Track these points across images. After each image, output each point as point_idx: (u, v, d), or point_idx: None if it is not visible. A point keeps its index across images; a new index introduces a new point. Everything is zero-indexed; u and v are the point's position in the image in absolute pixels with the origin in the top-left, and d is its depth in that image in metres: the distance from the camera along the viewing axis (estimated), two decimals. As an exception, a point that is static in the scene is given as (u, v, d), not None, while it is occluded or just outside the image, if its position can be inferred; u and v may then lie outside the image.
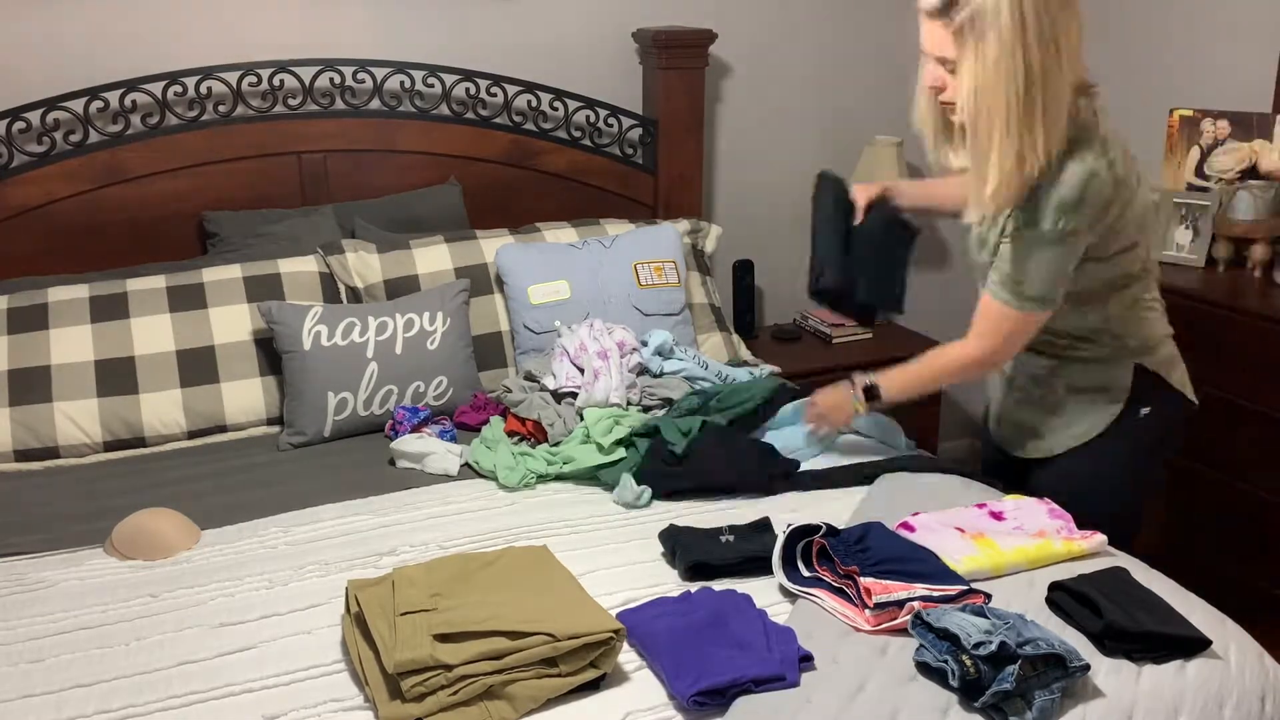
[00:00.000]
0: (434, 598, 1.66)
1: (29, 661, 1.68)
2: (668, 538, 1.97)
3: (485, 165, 3.11)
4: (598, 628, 1.58)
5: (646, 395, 2.53)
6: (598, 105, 3.20)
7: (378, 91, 2.98)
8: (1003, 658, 1.52)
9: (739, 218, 3.54)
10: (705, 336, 3.00)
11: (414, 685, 1.52)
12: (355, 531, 2.08)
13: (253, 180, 2.88)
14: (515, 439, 2.42)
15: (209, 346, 2.55)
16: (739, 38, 3.41)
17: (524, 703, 1.54)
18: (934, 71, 1.84)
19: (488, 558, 1.82)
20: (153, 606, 1.83)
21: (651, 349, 2.64)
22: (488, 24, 3.13)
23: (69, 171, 2.72)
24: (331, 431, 2.50)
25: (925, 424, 3.44)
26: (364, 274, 2.74)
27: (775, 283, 3.67)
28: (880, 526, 1.88)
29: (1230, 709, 1.63)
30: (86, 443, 2.44)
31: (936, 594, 1.70)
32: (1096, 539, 1.94)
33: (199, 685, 1.62)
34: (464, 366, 2.64)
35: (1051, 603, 1.77)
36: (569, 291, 2.77)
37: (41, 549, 2.04)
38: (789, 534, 1.83)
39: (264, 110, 2.87)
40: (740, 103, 3.51)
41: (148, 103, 2.78)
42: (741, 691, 1.55)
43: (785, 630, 1.69)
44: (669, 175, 3.29)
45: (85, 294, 2.56)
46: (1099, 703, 1.57)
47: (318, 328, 2.51)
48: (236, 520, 2.13)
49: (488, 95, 3.09)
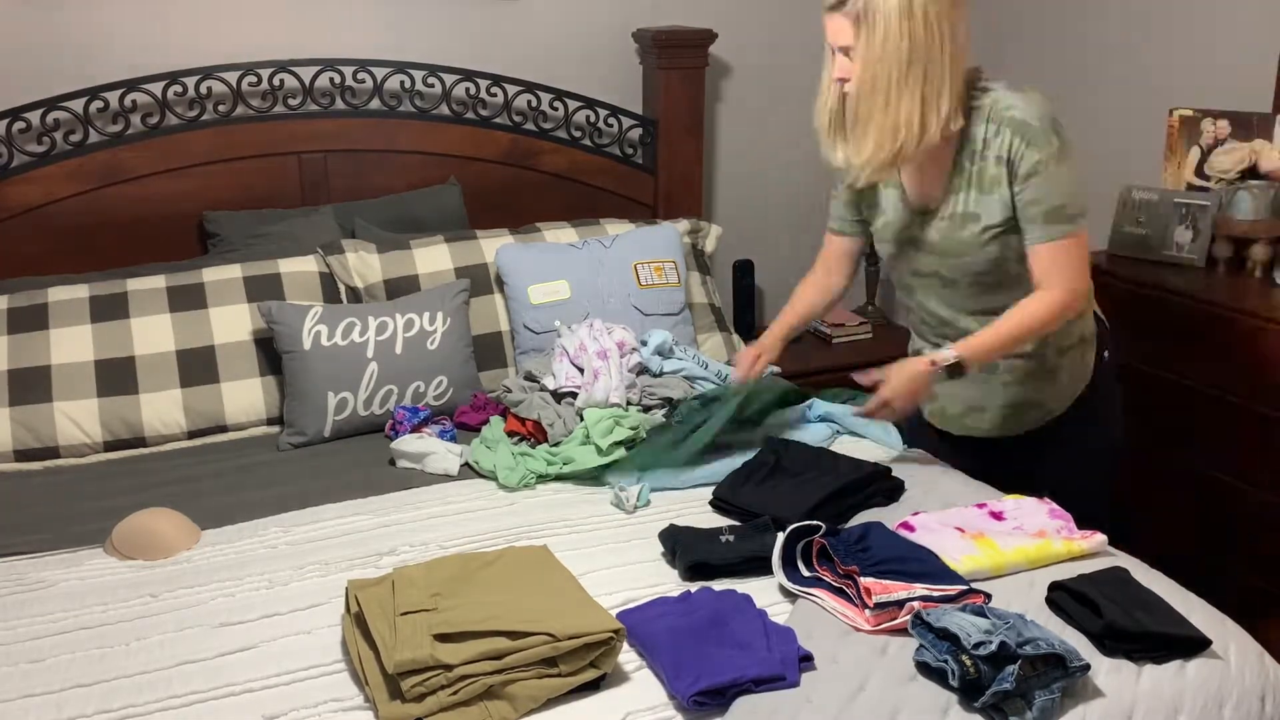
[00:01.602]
0: (434, 598, 1.66)
1: (29, 661, 1.68)
2: (668, 538, 1.97)
3: (485, 165, 3.11)
4: (598, 628, 1.58)
5: (646, 395, 2.53)
6: (598, 105, 3.20)
7: (378, 91, 2.98)
8: (1003, 658, 1.52)
9: (739, 218, 3.54)
10: (705, 336, 3.00)
11: (414, 685, 1.52)
12: (355, 531, 2.08)
13: (253, 180, 2.88)
14: (515, 439, 2.42)
15: (209, 346, 2.55)
16: (739, 38, 3.41)
17: (524, 703, 1.54)
18: (841, 62, 2.00)
19: (488, 558, 1.82)
20: (153, 606, 1.84)
21: (651, 348, 2.64)
22: (488, 24, 3.13)
23: (69, 171, 2.72)
24: (331, 431, 2.50)
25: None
26: (364, 274, 2.74)
27: (775, 283, 3.66)
28: (880, 526, 1.88)
29: (1230, 709, 1.63)
30: (86, 443, 2.44)
31: (936, 594, 1.70)
32: (1096, 539, 1.94)
33: (199, 685, 1.62)
34: (464, 366, 2.64)
35: (1051, 603, 1.77)
36: (569, 291, 2.77)
37: (41, 549, 2.04)
38: (789, 534, 1.83)
39: (264, 110, 2.87)
40: (740, 103, 3.51)
41: (148, 103, 2.78)
42: (741, 691, 1.55)
43: (785, 630, 1.69)
44: (669, 175, 3.29)
45: (85, 294, 2.56)
46: (1099, 703, 1.57)
47: (318, 328, 2.51)
48: (236, 520, 2.13)
49: (488, 95, 3.09)
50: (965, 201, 2.06)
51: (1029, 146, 1.97)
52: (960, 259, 2.10)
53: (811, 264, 2.51)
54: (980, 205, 2.05)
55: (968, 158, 2.04)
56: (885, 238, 2.22)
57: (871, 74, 1.95)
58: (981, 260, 2.08)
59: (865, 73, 1.95)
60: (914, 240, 2.16)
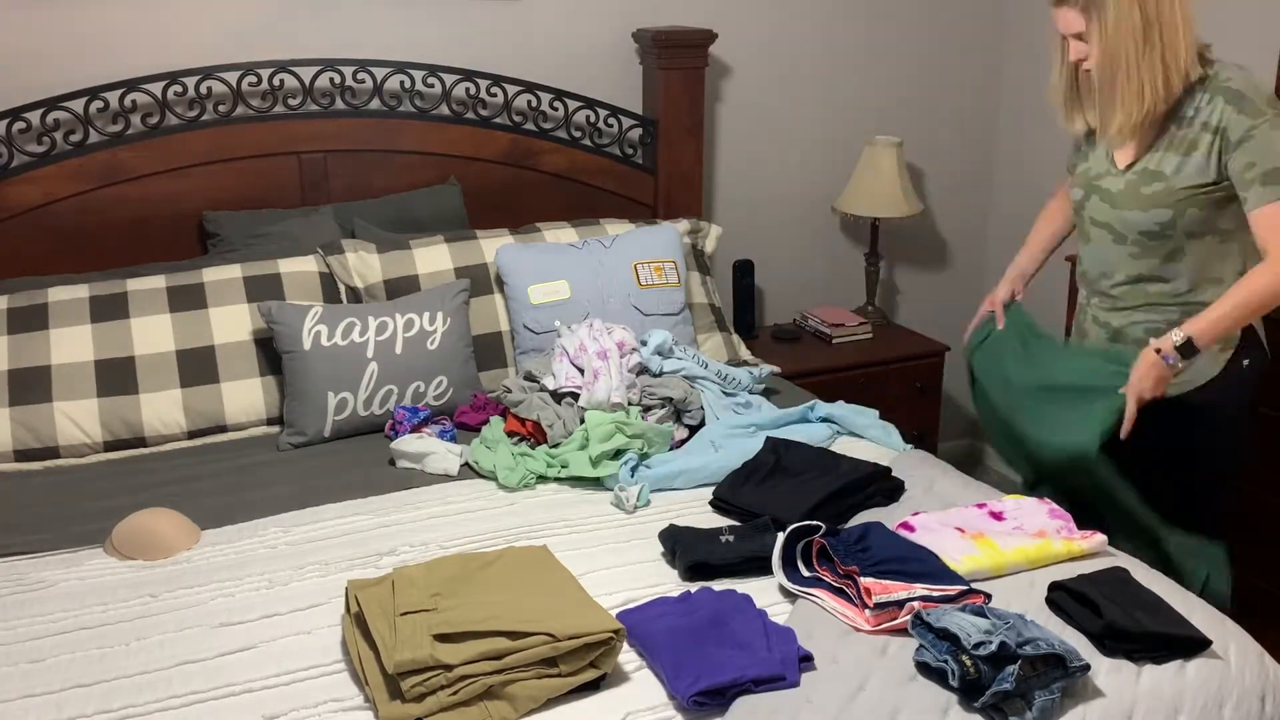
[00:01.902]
0: (434, 598, 1.66)
1: (29, 662, 1.68)
2: (668, 538, 1.97)
3: (485, 165, 3.11)
4: (598, 628, 1.58)
5: (646, 395, 2.53)
6: (598, 105, 3.20)
7: (378, 91, 2.98)
8: (1003, 658, 1.53)
9: (739, 218, 3.54)
10: (705, 336, 3.00)
11: (414, 685, 1.52)
12: (355, 531, 2.08)
13: (253, 180, 2.88)
14: (515, 439, 2.42)
15: (209, 346, 2.55)
16: (739, 38, 3.41)
17: (524, 703, 1.54)
18: (1076, 46, 2.13)
19: (488, 558, 1.82)
20: (153, 606, 1.84)
21: (651, 349, 2.64)
22: (488, 24, 3.13)
23: (69, 171, 2.71)
24: (331, 431, 2.50)
25: (926, 424, 3.45)
26: (364, 274, 2.74)
27: (775, 283, 3.66)
28: (880, 526, 1.88)
29: (1230, 709, 1.64)
30: (86, 443, 2.44)
31: (936, 594, 1.70)
32: (1096, 539, 1.94)
33: (199, 685, 1.62)
34: (464, 366, 2.64)
35: (1051, 603, 1.77)
36: (569, 291, 2.77)
37: (41, 549, 2.04)
38: (789, 534, 1.84)
39: (264, 110, 2.87)
40: (740, 103, 3.51)
41: (148, 103, 2.78)
42: (741, 691, 1.55)
43: (785, 630, 1.69)
44: (669, 175, 3.29)
45: (85, 294, 2.56)
46: (1099, 703, 1.58)
47: (318, 328, 2.51)
48: (236, 520, 2.13)
49: (488, 95, 3.09)
50: (1158, 160, 2.13)
51: (1240, 113, 2.02)
52: (1131, 212, 2.15)
53: (811, 264, 2.51)
54: (1168, 165, 2.11)
55: (1175, 122, 2.11)
56: (1079, 182, 2.30)
57: (1110, 53, 2.06)
58: (1150, 220, 2.13)
59: (1104, 53, 2.07)
60: (1100, 190, 2.23)
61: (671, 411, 2.51)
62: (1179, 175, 2.09)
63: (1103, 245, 2.24)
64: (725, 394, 2.63)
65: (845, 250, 3.78)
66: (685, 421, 2.53)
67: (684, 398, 2.52)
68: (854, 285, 3.74)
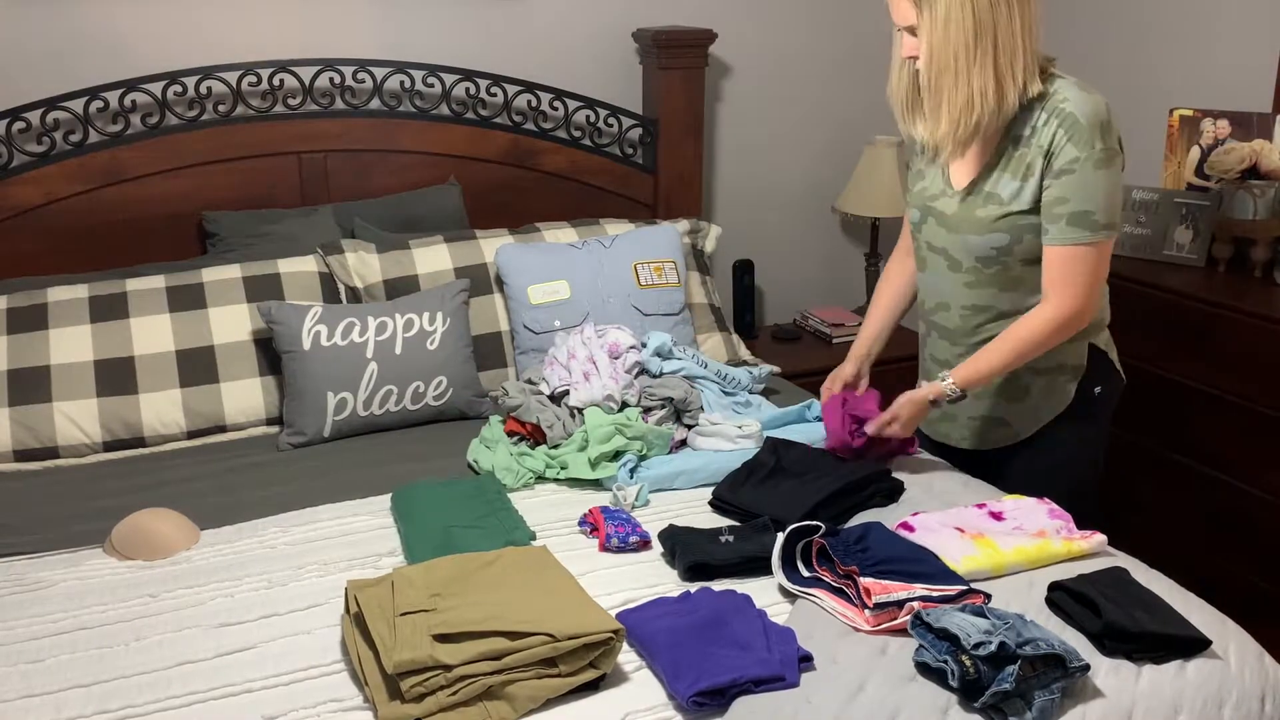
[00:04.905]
0: (433, 598, 1.66)
1: (29, 662, 1.68)
2: (667, 538, 1.96)
3: (485, 165, 3.11)
4: (597, 628, 1.58)
5: (646, 396, 2.53)
6: (598, 105, 3.20)
7: (378, 91, 2.98)
8: (1002, 658, 1.52)
9: (739, 218, 3.54)
10: (705, 336, 3.00)
11: (413, 685, 1.52)
12: (354, 532, 2.08)
13: (253, 180, 2.88)
14: (515, 439, 2.41)
15: (209, 346, 2.55)
16: (739, 38, 3.41)
17: (524, 703, 1.54)
18: (908, 41, 2.01)
19: (487, 558, 1.82)
20: (152, 606, 1.83)
21: (650, 350, 2.64)
22: (488, 24, 3.13)
23: (69, 171, 2.72)
24: (331, 432, 2.50)
25: (925, 424, 3.44)
26: (364, 274, 2.74)
27: (775, 283, 3.66)
28: (880, 526, 1.88)
29: (1230, 709, 1.63)
30: (86, 443, 2.44)
31: (936, 594, 1.70)
32: (1096, 539, 1.94)
33: (199, 685, 1.61)
34: (464, 366, 2.64)
35: (1051, 603, 1.77)
36: (569, 291, 2.77)
37: (41, 549, 2.04)
38: (788, 534, 1.83)
39: (264, 110, 2.87)
40: (740, 103, 3.51)
41: (148, 103, 2.78)
42: (741, 692, 1.55)
43: (785, 630, 1.69)
44: (669, 175, 3.29)
45: (85, 294, 2.56)
46: (1099, 703, 1.57)
47: (317, 328, 2.51)
48: (236, 520, 2.13)
49: (488, 95, 3.09)
50: (993, 181, 2.05)
51: (1069, 142, 1.94)
52: (967, 236, 2.08)
53: (811, 264, 2.50)
54: (1004, 188, 2.03)
55: (1011, 141, 2.02)
56: (915, 203, 2.21)
57: (939, 50, 1.94)
58: (985, 245, 2.06)
59: (932, 49, 1.95)
60: (936, 211, 2.14)
61: (671, 412, 2.51)
62: (1017, 199, 2.01)
63: (938, 273, 2.17)
64: (725, 394, 2.63)
65: (845, 250, 3.78)
66: (685, 422, 2.53)
67: (684, 398, 2.51)
68: (854, 285, 3.74)
